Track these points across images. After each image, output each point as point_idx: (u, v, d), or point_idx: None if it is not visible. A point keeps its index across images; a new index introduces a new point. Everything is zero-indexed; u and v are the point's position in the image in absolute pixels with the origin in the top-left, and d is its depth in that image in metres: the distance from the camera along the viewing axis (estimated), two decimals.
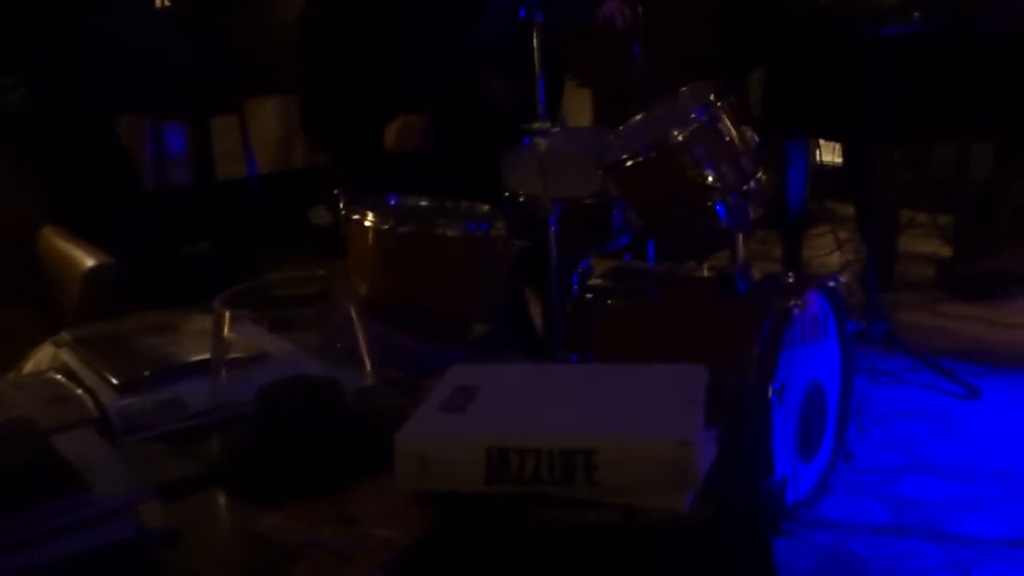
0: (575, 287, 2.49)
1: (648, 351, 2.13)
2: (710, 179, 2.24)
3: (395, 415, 1.46)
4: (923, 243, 4.16)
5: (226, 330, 1.42)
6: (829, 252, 4.13)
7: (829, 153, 4.72)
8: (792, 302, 2.09)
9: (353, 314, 1.48)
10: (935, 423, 2.74)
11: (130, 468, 1.33)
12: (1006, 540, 2.21)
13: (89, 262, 2.25)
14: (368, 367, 1.48)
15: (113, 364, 1.63)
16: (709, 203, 2.22)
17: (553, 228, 2.26)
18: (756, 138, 2.38)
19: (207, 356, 1.52)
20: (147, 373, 1.60)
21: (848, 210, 4.39)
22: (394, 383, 1.59)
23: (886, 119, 3.00)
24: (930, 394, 2.89)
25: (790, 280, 2.26)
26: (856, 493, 2.39)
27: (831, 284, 2.24)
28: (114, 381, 1.58)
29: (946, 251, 4.01)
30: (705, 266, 2.64)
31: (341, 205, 2.30)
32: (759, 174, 2.31)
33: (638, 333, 2.26)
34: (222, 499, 1.36)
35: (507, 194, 2.54)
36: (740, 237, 2.23)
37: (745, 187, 2.26)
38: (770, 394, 2.00)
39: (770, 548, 1.25)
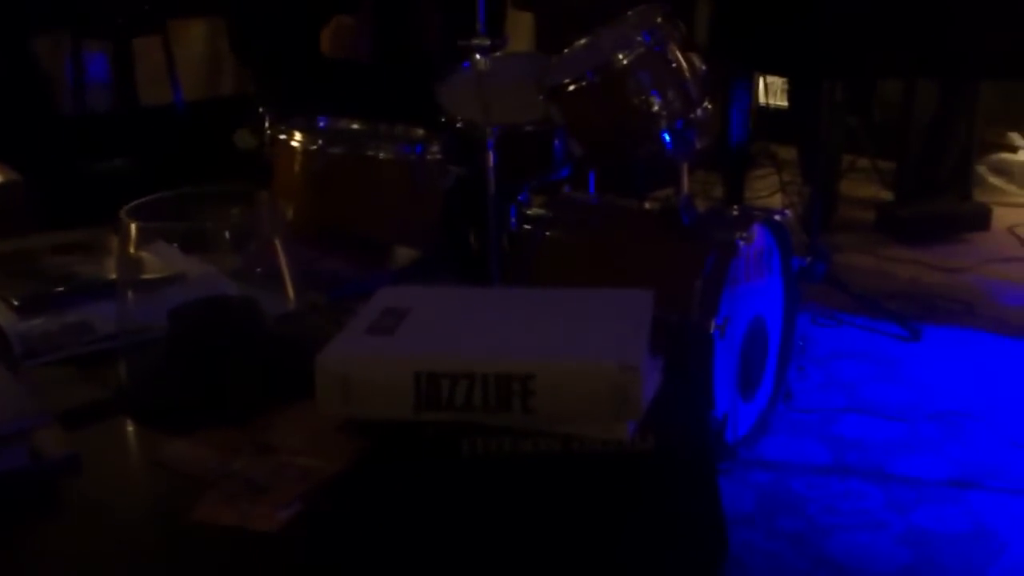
0: (512, 219, 2.39)
1: (588, 284, 2.03)
2: (656, 106, 2.15)
3: (318, 340, 1.36)
4: (863, 187, 4.13)
5: (132, 246, 1.30)
6: (770, 193, 4.07)
7: (771, 96, 4.66)
8: (737, 235, 2.02)
9: (277, 233, 1.37)
10: (876, 364, 2.71)
11: (27, 393, 1.22)
12: (946, 480, 2.18)
13: None
14: (291, 291, 1.38)
15: (14, 283, 1.51)
16: (654, 130, 2.12)
17: (492, 155, 2.15)
18: (703, 66, 2.29)
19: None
20: (51, 293, 1.48)
21: (789, 153, 4.34)
22: (319, 308, 1.49)
23: (833, 52, 2.93)
24: (871, 336, 2.86)
25: (735, 213, 2.18)
26: (796, 433, 2.35)
27: (777, 218, 2.17)
28: (14, 302, 1.46)
29: (886, 196, 3.98)
30: (646, 201, 2.56)
31: (266, 125, 2.17)
32: (706, 103, 2.22)
33: (577, 266, 2.17)
34: (128, 426, 1.26)
35: (443, 119, 2.42)
36: (685, 167, 2.15)
37: (692, 115, 2.17)
38: (712, 329, 1.93)
39: (716, 485, 1.17)
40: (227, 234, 1.39)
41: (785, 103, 4.58)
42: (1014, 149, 4.12)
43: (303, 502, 1.06)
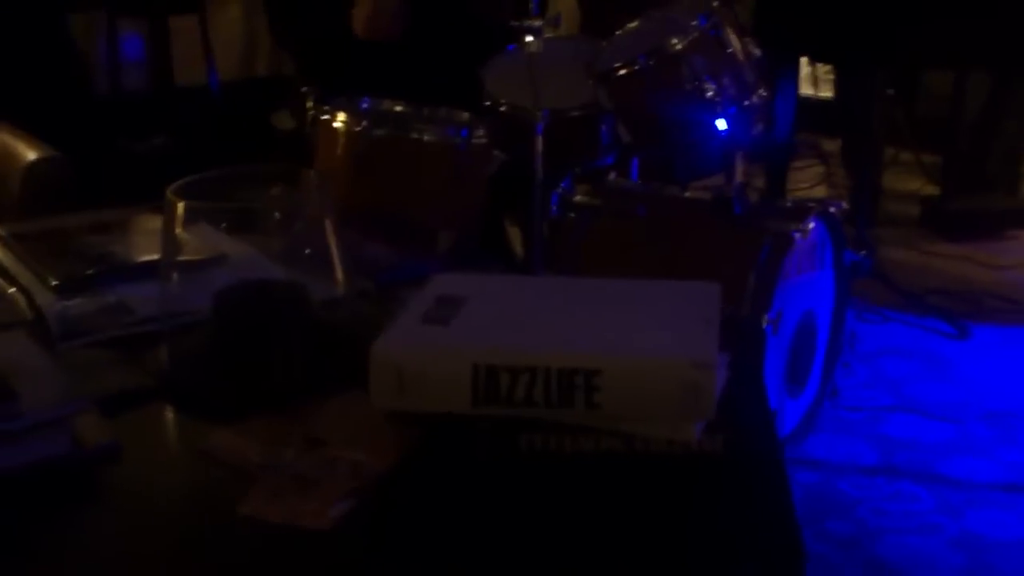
0: (554, 207, 2.33)
1: (635, 274, 1.98)
2: (710, 92, 2.09)
3: (368, 327, 1.31)
4: (907, 181, 4.04)
5: (179, 225, 1.25)
6: (811, 185, 4.00)
7: (812, 86, 4.57)
8: (793, 227, 1.95)
9: (326, 215, 1.31)
10: (923, 362, 2.64)
11: (67, 376, 1.17)
12: (999, 484, 2.12)
13: (31, 155, 2.06)
14: (339, 275, 1.32)
15: (52, 262, 1.47)
16: (712, 117, 2.06)
17: (540, 140, 2.09)
18: (758, 52, 2.23)
19: (157, 257, 1.36)
20: (90, 273, 1.44)
21: (832, 145, 4.26)
22: (366, 294, 1.44)
23: (883, 39, 2.85)
24: (917, 333, 2.79)
25: (789, 204, 2.11)
26: (842, 432, 2.29)
27: (832, 210, 2.10)
28: (52, 281, 1.42)
29: (930, 190, 3.90)
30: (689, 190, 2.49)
31: (309, 105, 2.12)
32: (761, 90, 2.15)
33: (625, 255, 2.11)
34: (170, 414, 1.21)
35: (488, 103, 2.37)
36: (740, 155, 2.08)
37: (747, 102, 2.11)
38: (765, 323, 1.87)
39: (788, 490, 1.11)
40: (276, 214, 1.34)
41: (829, 93, 4.50)
42: None
43: (355, 498, 1.01)
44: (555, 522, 1.02)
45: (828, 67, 4.45)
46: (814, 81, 4.55)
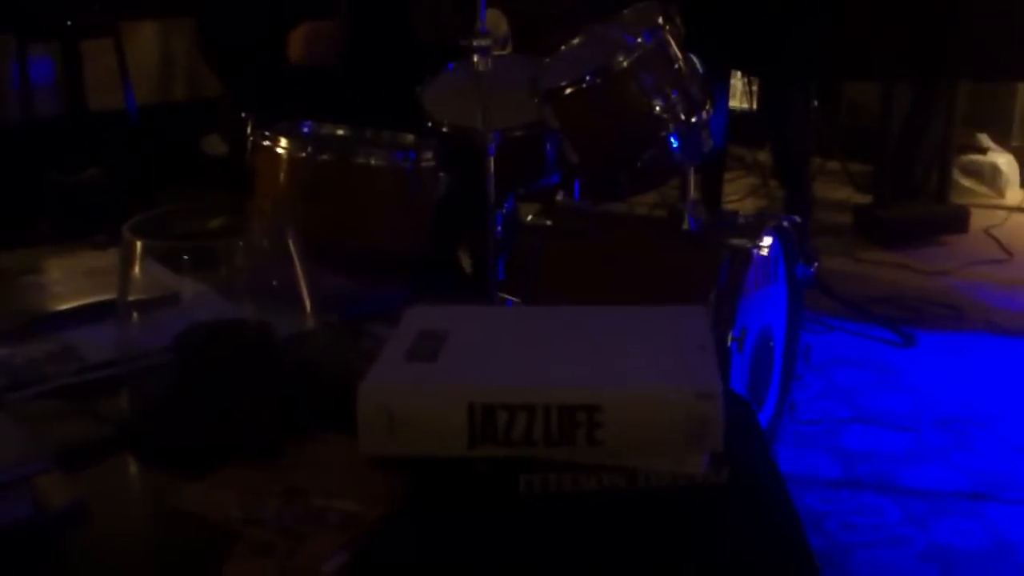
0: (499, 228, 2.28)
1: (593, 296, 1.95)
2: (657, 108, 2.06)
3: (340, 365, 1.25)
4: (836, 190, 4.09)
5: (135, 264, 1.17)
6: (742, 197, 4.02)
7: (734, 98, 4.61)
8: (751, 242, 1.93)
9: (288, 244, 1.25)
10: (873, 371, 2.65)
11: (21, 431, 1.09)
12: (961, 492, 2.12)
13: None
14: (308, 308, 1.25)
15: None
16: (659, 134, 2.03)
17: (491, 161, 2.04)
18: (701, 68, 2.20)
19: (99, 298, 1.31)
20: (31, 318, 1.35)
21: (755, 156, 4.30)
22: (332, 329, 1.37)
23: (811, 52, 2.87)
24: (864, 342, 2.80)
25: (742, 220, 2.09)
26: (802, 445, 2.27)
27: (786, 224, 2.09)
28: None
29: (859, 198, 3.94)
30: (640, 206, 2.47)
31: (248, 130, 2.04)
32: (708, 105, 2.13)
33: (582, 276, 2.07)
34: (135, 467, 1.13)
35: (429, 123, 2.31)
36: (692, 171, 2.06)
37: (695, 119, 2.08)
38: (729, 342, 1.84)
39: (797, 518, 1.08)
40: (236, 247, 1.26)
41: (746, 105, 4.53)
42: (983, 150, 4.11)
43: (348, 552, 0.95)
44: (559, 565, 0.97)
45: (747, 79, 4.50)
46: (734, 93, 4.58)
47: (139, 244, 1.16)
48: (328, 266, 1.73)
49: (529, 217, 2.18)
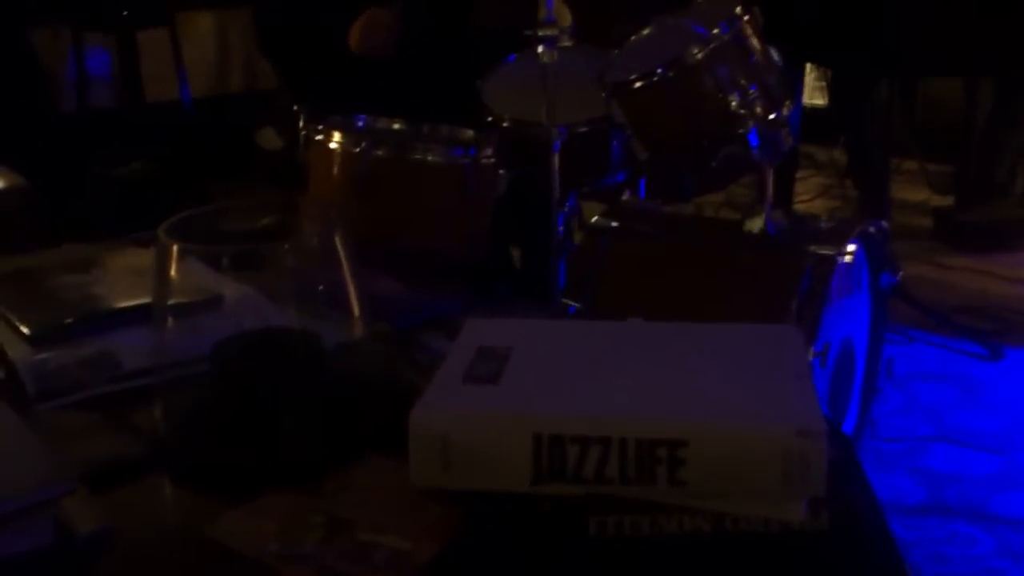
0: (560, 228, 2.17)
1: (661, 304, 1.83)
2: (734, 104, 1.92)
3: (393, 380, 1.14)
4: (912, 191, 3.91)
5: (173, 269, 1.07)
6: (812, 197, 3.86)
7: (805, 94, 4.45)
8: (835, 249, 1.79)
9: (337, 246, 1.14)
10: (958, 387, 2.49)
11: (47, 449, 0.99)
12: None
13: None
14: (356, 315, 1.14)
15: (24, 309, 1.29)
16: (736, 131, 1.89)
17: (556, 158, 1.92)
18: (780, 61, 2.07)
19: (144, 300, 1.17)
20: (68, 320, 1.26)
21: (825, 155, 4.14)
22: (385, 338, 1.26)
23: (890, 45, 2.72)
24: (947, 354, 2.64)
25: (824, 223, 1.95)
26: (884, 467, 2.13)
27: (872, 230, 1.94)
28: (25, 330, 1.24)
29: (937, 200, 3.77)
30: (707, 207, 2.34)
31: (300, 124, 1.94)
32: (788, 101, 1.99)
33: (649, 282, 1.94)
34: (169, 489, 1.03)
35: (489, 118, 2.20)
36: (770, 172, 1.92)
37: (774, 115, 1.95)
38: (811, 357, 1.71)
39: (904, 567, 0.95)
40: (282, 250, 1.15)
41: (820, 102, 4.38)
42: None
43: None
44: None
45: (819, 75, 4.34)
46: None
47: (175, 247, 1.06)
48: (380, 269, 1.63)
49: (594, 218, 2.06)
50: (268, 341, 1.12)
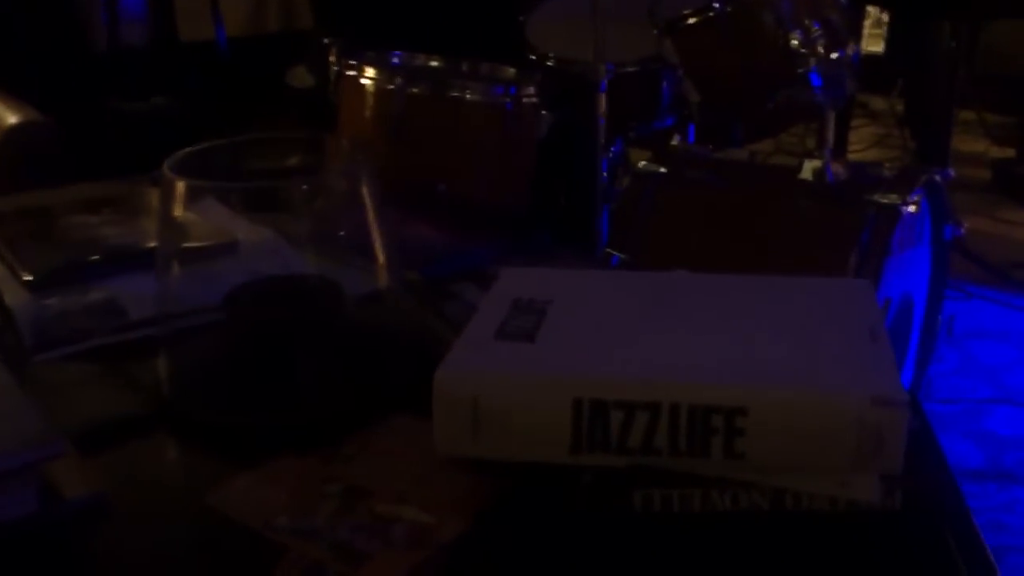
0: (604, 174, 2.06)
1: (711, 256, 1.72)
2: (795, 42, 1.80)
3: (421, 334, 1.05)
4: (971, 143, 3.75)
5: (178, 207, 0.98)
6: (866, 147, 3.71)
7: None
8: (899, 199, 1.67)
9: (364, 189, 1.04)
10: (1017, 346, 2.36)
11: (35, 406, 0.91)
12: None
13: (12, 118, 1.78)
14: (381, 263, 1.05)
15: (26, 251, 1.21)
16: (800, 71, 1.77)
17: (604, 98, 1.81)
18: None
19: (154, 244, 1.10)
20: (70, 264, 1.17)
21: (880, 104, 3.98)
22: (412, 289, 1.17)
23: None
24: (1007, 312, 2.50)
25: (887, 172, 1.83)
26: (940, 429, 2.00)
27: (938, 178, 1.81)
28: (26, 276, 1.15)
29: (996, 152, 3.61)
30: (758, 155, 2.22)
31: (332, 59, 1.84)
32: (852, 41, 1.86)
33: (700, 232, 1.83)
34: (171, 450, 0.94)
35: (532, 56, 2.08)
36: (832, 116, 1.80)
37: (837, 55, 1.82)
38: None
39: (986, 551, 0.84)
40: (301, 191, 1.06)
41: (876, 48, 4.21)
42: None
43: None
44: None
45: (875, 21, 4.18)
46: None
47: (181, 184, 0.96)
48: (414, 214, 1.53)
49: (641, 163, 1.94)
50: (284, 289, 1.03)
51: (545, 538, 0.80)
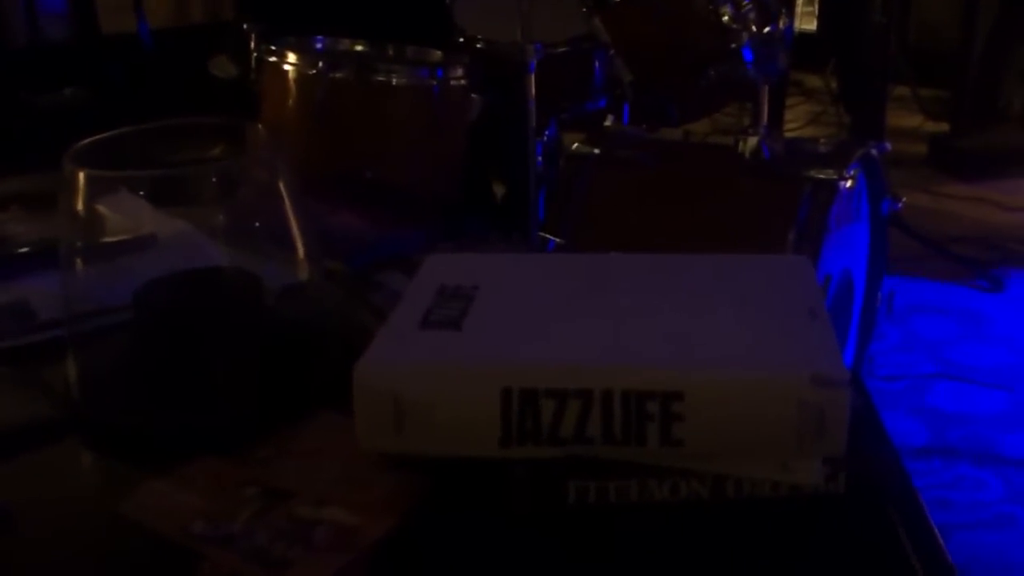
0: (539, 157, 2.02)
1: (648, 237, 1.69)
2: (727, 17, 1.77)
3: (344, 326, 1.00)
4: (905, 118, 3.77)
5: (80, 200, 0.92)
6: (802, 124, 3.72)
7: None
8: (835, 174, 1.65)
9: (279, 178, 0.99)
10: (958, 320, 2.37)
11: None
12: None
13: None
14: (301, 255, 1.00)
15: None
16: (732, 46, 1.74)
17: (533, 79, 1.77)
18: None
19: None
20: None
21: (815, 81, 3.99)
22: (336, 279, 1.12)
23: None
24: (946, 287, 2.51)
25: (823, 147, 1.81)
26: (883, 406, 1.98)
27: (874, 152, 1.80)
28: None
29: (931, 126, 3.63)
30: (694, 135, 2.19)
31: (252, 45, 1.78)
32: (783, 14, 1.84)
33: (635, 213, 1.80)
34: (83, 457, 0.89)
35: (460, 38, 2.04)
36: (765, 92, 1.77)
37: (769, 28, 1.79)
38: None
39: (935, 536, 0.82)
40: (212, 180, 1.00)
41: (809, 26, 4.22)
42: None
43: None
44: None
45: None
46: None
47: (82, 175, 0.91)
48: (341, 203, 1.49)
49: (574, 145, 1.91)
50: (198, 284, 0.98)
51: (476, 536, 0.76)
